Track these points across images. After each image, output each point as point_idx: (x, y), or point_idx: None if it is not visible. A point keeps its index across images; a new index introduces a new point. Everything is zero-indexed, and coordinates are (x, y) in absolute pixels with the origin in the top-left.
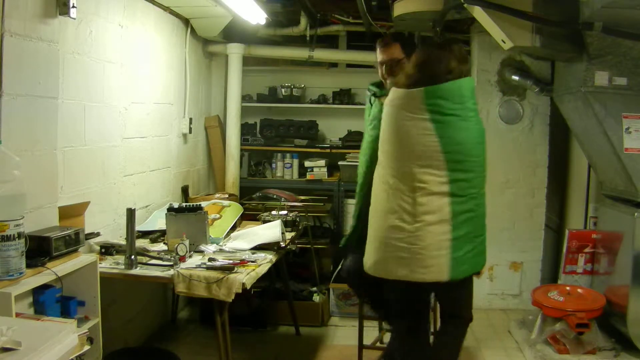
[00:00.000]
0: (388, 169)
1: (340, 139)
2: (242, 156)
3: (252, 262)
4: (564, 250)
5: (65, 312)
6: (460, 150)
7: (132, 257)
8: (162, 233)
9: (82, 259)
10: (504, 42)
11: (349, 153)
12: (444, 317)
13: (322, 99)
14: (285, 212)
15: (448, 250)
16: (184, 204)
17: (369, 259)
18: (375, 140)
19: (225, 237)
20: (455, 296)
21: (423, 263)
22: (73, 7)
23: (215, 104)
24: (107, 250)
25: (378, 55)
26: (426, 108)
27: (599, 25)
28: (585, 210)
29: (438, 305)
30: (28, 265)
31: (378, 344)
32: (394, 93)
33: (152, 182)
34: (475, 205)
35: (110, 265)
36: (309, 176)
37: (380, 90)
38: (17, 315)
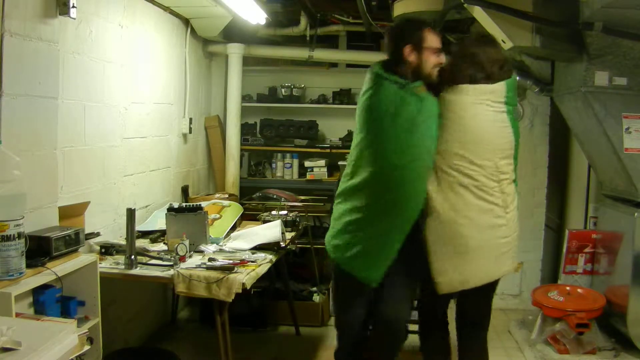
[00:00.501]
0: (469, 170)
1: (340, 139)
2: (242, 156)
3: (252, 262)
4: (564, 250)
5: (65, 312)
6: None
7: (132, 257)
8: (162, 233)
9: (82, 259)
10: (504, 42)
11: (349, 153)
12: (464, 329)
13: (322, 99)
14: (285, 212)
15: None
16: (184, 204)
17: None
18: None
19: (225, 237)
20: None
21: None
22: (73, 7)
23: (215, 104)
24: (107, 250)
25: (437, 42)
26: (504, 100)
27: (599, 25)
28: (585, 210)
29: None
30: (28, 265)
31: None
32: (473, 90)
33: (152, 182)
34: None
35: (110, 265)
36: (309, 176)
37: (412, 81)
38: (17, 315)
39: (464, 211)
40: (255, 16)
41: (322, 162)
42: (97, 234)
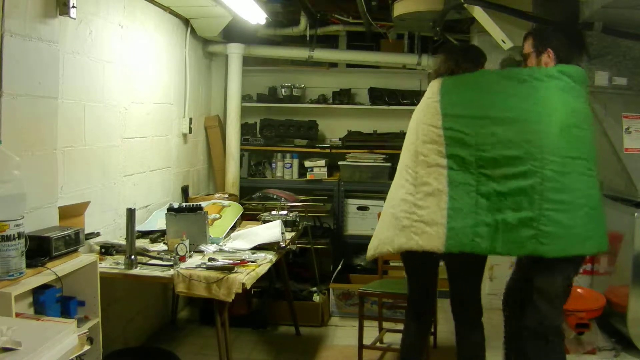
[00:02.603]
0: (405, 151)
1: (340, 139)
2: (242, 156)
3: (252, 262)
4: None
5: (65, 312)
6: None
7: (132, 257)
8: (162, 233)
9: (82, 259)
10: (504, 42)
11: (349, 153)
12: (457, 311)
13: (322, 99)
14: (285, 212)
15: (444, 220)
16: (184, 204)
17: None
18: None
19: (225, 237)
20: (465, 276)
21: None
22: (73, 7)
23: (215, 104)
24: (107, 250)
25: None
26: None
27: (599, 25)
28: None
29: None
30: (28, 265)
31: (378, 344)
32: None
33: (152, 182)
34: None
35: (110, 265)
36: (309, 176)
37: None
38: (17, 315)
39: (395, 182)
40: (255, 16)
41: (322, 162)
42: (97, 234)
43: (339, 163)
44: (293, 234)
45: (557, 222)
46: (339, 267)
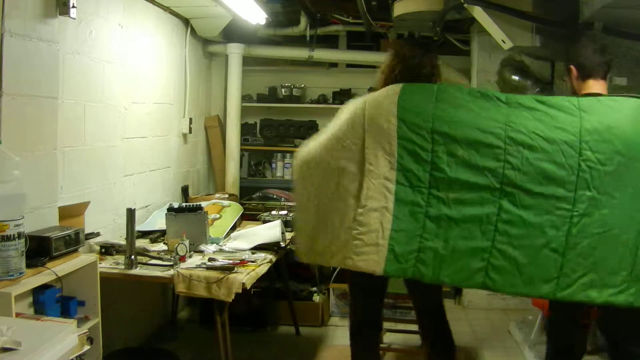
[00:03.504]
0: None
1: None
2: (242, 156)
3: (252, 262)
4: None
5: (65, 312)
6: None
7: (132, 257)
8: (162, 233)
9: (82, 259)
10: (504, 42)
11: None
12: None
13: (322, 99)
14: (285, 212)
15: (386, 242)
16: (184, 204)
17: None
18: None
19: (225, 237)
20: (423, 291)
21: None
22: (73, 7)
23: (215, 104)
24: (107, 250)
25: None
26: None
27: (599, 25)
28: None
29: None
30: (28, 265)
31: None
32: None
33: (152, 182)
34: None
35: (110, 265)
36: None
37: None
38: (17, 315)
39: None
40: (255, 16)
41: None
42: (97, 234)
43: None
44: (293, 233)
45: (508, 257)
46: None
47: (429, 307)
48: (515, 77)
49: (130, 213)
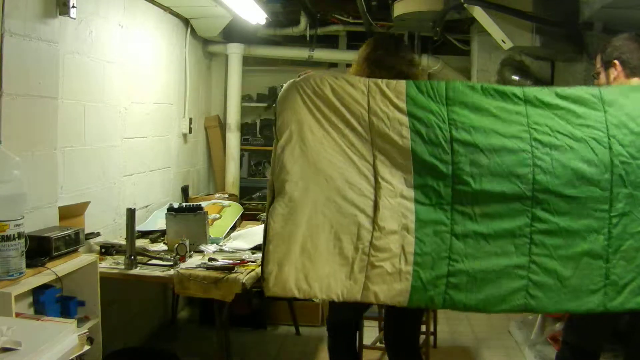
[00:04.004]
0: None
1: None
2: (242, 156)
3: (252, 262)
4: None
5: (65, 312)
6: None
7: (132, 257)
8: (162, 233)
9: (82, 259)
10: (504, 42)
11: None
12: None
13: None
14: None
15: (410, 268)
16: (184, 204)
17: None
18: None
19: (225, 237)
20: (401, 317)
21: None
22: (73, 7)
23: (215, 104)
24: (107, 250)
25: None
26: None
27: (599, 25)
28: None
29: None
30: (28, 265)
31: (378, 344)
32: None
33: (152, 182)
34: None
35: (110, 265)
36: None
37: None
38: (17, 315)
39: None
40: (255, 16)
41: None
42: (97, 234)
43: None
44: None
45: (549, 270)
46: None
47: (403, 337)
48: (515, 77)
49: (130, 213)
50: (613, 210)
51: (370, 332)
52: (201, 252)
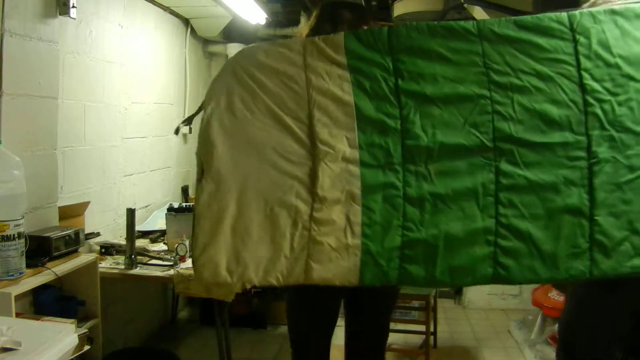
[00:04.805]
0: None
1: None
2: None
3: None
4: None
5: (65, 312)
6: None
7: (132, 257)
8: (162, 233)
9: (82, 259)
10: None
11: None
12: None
13: None
14: None
15: (358, 241)
16: (184, 204)
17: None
18: None
19: None
20: (369, 313)
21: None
22: (73, 7)
23: None
24: (107, 250)
25: None
26: None
27: None
28: None
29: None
30: (28, 265)
31: None
32: None
33: (152, 182)
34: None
35: (110, 265)
36: None
37: None
38: (17, 315)
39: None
40: (255, 16)
41: None
42: (97, 234)
43: None
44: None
45: (520, 233)
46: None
47: (368, 339)
48: None
49: (130, 213)
50: (592, 157)
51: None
52: None
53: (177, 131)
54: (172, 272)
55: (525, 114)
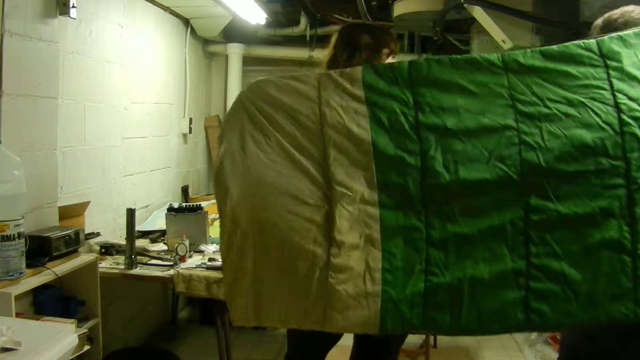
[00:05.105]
0: None
1: None
2: None
3: None
4: None
5: (65, 312)
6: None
7: (132, 257)
8: (162, 233)
9: (82, 259)
10: (504, 42)
11: None
12: None
13: None
14: None
15: (377, 288)
16: (184, 204)
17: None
18: None
19: None
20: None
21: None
22: (73, 7)
23: (215, 104)
24: (107, 250)
25: None
26: None
27: None
28: None
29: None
30: (28, 265)
31: None
32: None
33: (152, 182)
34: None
35: (110, 265)
36: None
37: None
38: (17, 315)
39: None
40: (255, 16)
41: None
42: (97, 234)
43: None
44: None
45: (554, 274)
46: None
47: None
48: None
49: (130, 213)
50: (632, 183)
51: None
52: (201, 252)
53: None
54: (172, 272)
55: (555, 141)
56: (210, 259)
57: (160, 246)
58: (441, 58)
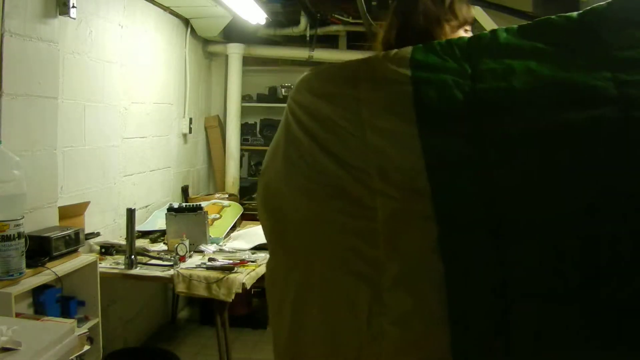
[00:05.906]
0: None
1: None
2: (242, 156)
3: (252, 262)
4: None
5: (65, 312)
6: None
7: (132, 257)
8: (162, 233)
9: (82, 259)
10: None
11: None
12: None
13: None
14: None
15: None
16: (184, 204)
17: None
18: None
19: (225, 237)
20: None
21: None
22: (73, 7)
23: (215, 104)
24: (107, 250)
25: None
26: None
27: None
28: None
29: None
30: (28, 265)
31: None
32: None
33: (152, 182)
34: None
35: (110, 265)
36: None
37: None
38: (17, 315)
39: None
40: (255, 16)
41: None
42: (97, 234)
43: None
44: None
45: None
46: None
47: None
48: None
49: (130, 213)
50: None
51: None
52: (201, 252)
53: None
54: (172, 272)
55: None
56: (210, 259)
57: (160, 246)
58: (508, 27)
